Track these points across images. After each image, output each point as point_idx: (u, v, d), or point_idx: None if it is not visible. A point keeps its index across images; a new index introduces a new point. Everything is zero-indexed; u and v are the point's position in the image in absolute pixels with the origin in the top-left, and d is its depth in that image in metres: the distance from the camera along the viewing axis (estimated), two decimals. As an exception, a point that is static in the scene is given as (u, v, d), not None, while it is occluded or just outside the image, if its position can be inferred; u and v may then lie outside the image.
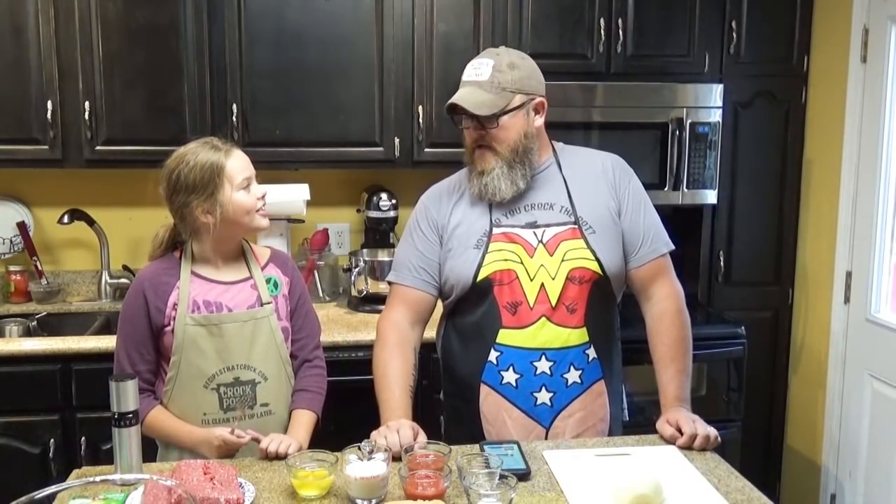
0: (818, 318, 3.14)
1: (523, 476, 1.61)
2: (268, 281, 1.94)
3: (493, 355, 1.85)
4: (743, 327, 2.93)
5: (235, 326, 1.86)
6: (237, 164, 1.86)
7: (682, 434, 1.76)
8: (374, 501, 1.52)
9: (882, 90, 2.79)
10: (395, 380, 1.83)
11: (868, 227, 2.87)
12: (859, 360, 2.92)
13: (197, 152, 1.84)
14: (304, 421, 1.90)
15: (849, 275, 2.96)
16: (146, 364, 1.87)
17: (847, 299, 2.98)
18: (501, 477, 1.51)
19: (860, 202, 2.91)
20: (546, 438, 1.85)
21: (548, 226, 1.86)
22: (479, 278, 1.84)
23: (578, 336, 1.84)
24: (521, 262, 1.84)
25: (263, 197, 1.90)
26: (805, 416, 3.23)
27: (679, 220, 3.20)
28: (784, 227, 3.23)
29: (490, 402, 1.87)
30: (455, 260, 1.89)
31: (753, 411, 3.11)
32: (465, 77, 1.87)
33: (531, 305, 1.82)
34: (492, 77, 1.82)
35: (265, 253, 2.00)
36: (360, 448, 1.57)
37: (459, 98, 1.83)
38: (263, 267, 1.96)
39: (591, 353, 1.86)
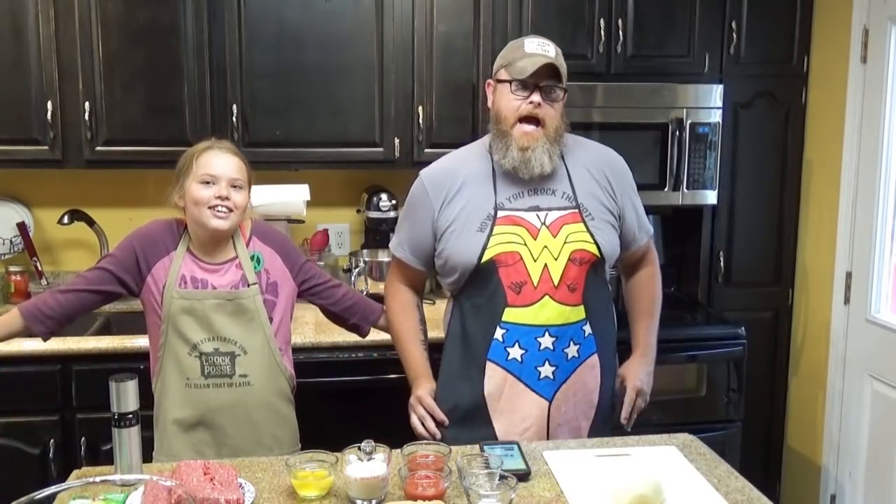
0: (818, 318, 3.14)
1: (523, 476, 1.61)
2: (252, 258, 2.01)
3: (499, 332, 1.90)
4: (743, 328, 2.93)
5: (217, 303, 1.96)
6: (209, 160, 1.93)
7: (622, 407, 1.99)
8: (374, 502, 1.52)
9: (882, 90, 2.79)
10: (409, 339, 2.09)
11: (868, 227, 2.87)
12: (859, 361, 2.92)
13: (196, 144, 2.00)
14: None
15: (849, 275, 2.96)
16: (91, 295, 1.96)
17: (847, 300, 2.98)
18: (501, 477, 1.51)
19: (860, 202, 2.91)
20: (549, 412, 1.90)
21: (550, 209, 1.93)
22: (484, 260, 1.89)
23: (577, 313, 1.92)
24: (525, 244, 1.89)
25: (224, 199, 1.91)
26: (805, 416, 3.23)
27: (679, 221, 3.22)
28: (784, 227, 3.22)
29: (496, 380, 1.91)
30: (458, 241, 1.93)
31: (753, 411, 3.11)
32: (529, 49, 1.89)
33: (535, 284, 1.88)
34: (556, 57, 1.90)
35: (248, 226, 2.07)
36: (360, 448, 1.57)
37: (550, 60, 1.87)
38: (248, 242, 2.03)
39: (588, 328, 1.94)
